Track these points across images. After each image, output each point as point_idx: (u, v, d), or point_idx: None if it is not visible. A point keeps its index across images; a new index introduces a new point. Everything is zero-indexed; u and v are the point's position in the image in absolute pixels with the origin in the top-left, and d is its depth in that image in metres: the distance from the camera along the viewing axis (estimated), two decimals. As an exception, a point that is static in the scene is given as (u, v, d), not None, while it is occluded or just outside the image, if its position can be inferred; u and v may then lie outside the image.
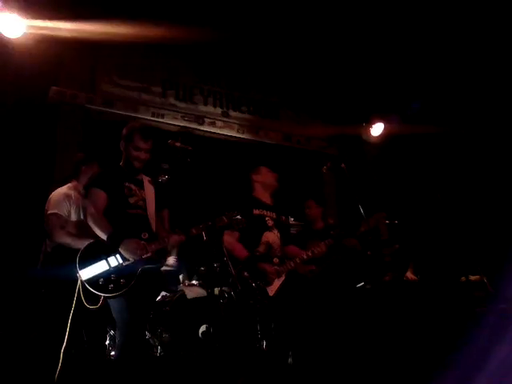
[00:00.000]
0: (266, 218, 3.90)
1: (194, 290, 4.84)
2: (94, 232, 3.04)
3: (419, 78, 6.53)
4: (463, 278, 4.83)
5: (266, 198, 4.06)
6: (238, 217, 3.49)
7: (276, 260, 3.75)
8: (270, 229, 3.87)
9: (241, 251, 3.71)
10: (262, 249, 3.78)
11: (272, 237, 3.85)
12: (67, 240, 3.50)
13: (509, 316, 3.73)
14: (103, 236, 2.98)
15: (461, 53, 5.99)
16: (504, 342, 3.32)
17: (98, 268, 2.91)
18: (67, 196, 3.69)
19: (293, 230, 4.60)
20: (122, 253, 2.95)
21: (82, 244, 3.12)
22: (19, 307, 4.07)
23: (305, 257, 3.74)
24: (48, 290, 3.52)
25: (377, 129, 7.09)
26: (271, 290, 3.61)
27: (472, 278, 4.74)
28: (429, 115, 6.50)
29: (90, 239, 3.06)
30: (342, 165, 4.08)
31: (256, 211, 3.89)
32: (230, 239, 3.73)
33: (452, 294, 4.73)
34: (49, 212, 3.61)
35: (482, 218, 5.74)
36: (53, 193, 3.75)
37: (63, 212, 3.61)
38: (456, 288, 4.81)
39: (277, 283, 3.64)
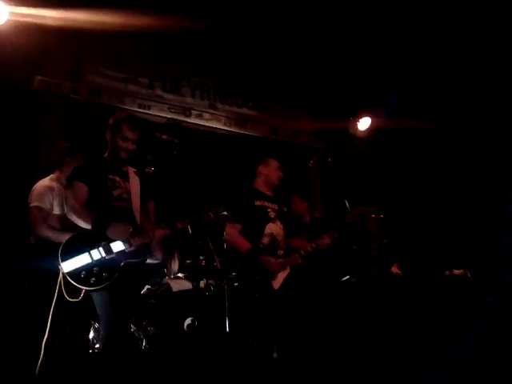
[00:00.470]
0: (268, 210, 3.80)
1: (179, 282, 4.83)
2: (76, 225, 3.01)
3: (406, 73, 6.55)
4: (447, 272, 4.88)
5: (266, 190, 3.96)
6: (225, 213, 3.47)
7: (281, 252, 3.67)
8: (272, 220, 3.76)
9: (243, 244, 3.61)
10: (265, 241, 3.67)
11: (275, 228, 3.75)
12: (49, 233, 3.48)
13: (492, 309, 3.77)
14: (87, 225, 2.95)
15: (447, 46, 6.02)
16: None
17: (81, 261, 2.88)
18: (50, 188, 3.66)
19: None
20: (109, 236, 2.93)
21: (63, 238, 3.10)
22: (1, 300, 4.02)
23: (309, 249, 3.65)
24: (30, 284, 3.49)
25: (364, 123, 7.11)
26: (276, 284, 3.53)
27: (456, 272, 4.79)
28: (415, 109, 6.53)
29: (71, 233, 3.02)
30: (329, 159, 4.05)
31: (257, 202, 3.79)
32: (231, 231, 3.65)
33: (436, 288, 4.78)
34: (31, 205, 3.58)
35: (467, 213, 5.80)
36: (35, 185, 3.71)
37: (45, 205, 3.58)
38: (440, 282, 4.86)
39: (281, 276, 3.56)
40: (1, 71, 5.04)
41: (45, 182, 3.74)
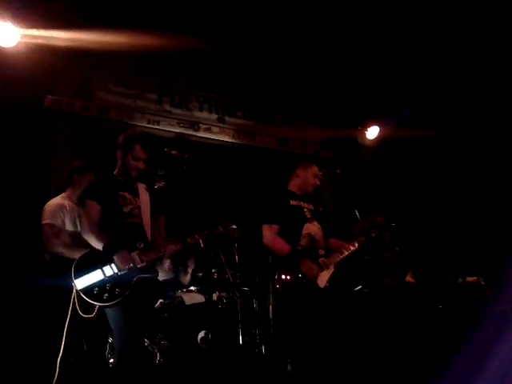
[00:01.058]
0: (304, 210, 3.68)
1: (192, 296, 4.85)
2: (89, 243, 3.04)
3: (414, 82, 6.56)
4: (460, 280, 4.84)
5: (299, 192, 3.84)
6: (234, 226, 3.48)
7: (322, 252, 3.53)
8: (309, 220, 3.65)
9: (282, 246, 3.48)
10: (304, 242, 3.56)
11: (313, 229, 3.63)
12: (61, 250, 3.55)
13: (507, 317, 3.74)
14: (99, 246, 2.98)
15: (454, 56, 6.03)
16: (503, 342, 3.33)
17: (93, 277, 2.91)
18: (61, 206, 3.72)
19: None
20: (115, 262, 2.96)
21: (75, 254, 3.16)
22: (17, 316, 4.06)
23: (352, 248, 3.58)
24: (45, 300, 3.53)
25: (372, 132, 7.11)
26: (321, 282, 3.41)
27: (469, 279, 4.76)
28: (424, 118, 6.53)
29: (84, 249, 3.07)
30: (338, 170, 4.03)
31: (293, 202, 3.68)
32: (269, 234, 3.54)
33: (449, 296, 4.74)
34: (43, 222, 3.65)
35: (479, 220, 5.76)
36: (47, 203, 3.78)
37: (57, 222, 3.64)
38: (453, 290, 4.83)
39: (326, 275, 3.45)
40: (13, 91, 5.14)
41: (56, 200, 3.81)
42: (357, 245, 3.62)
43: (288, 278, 3.36)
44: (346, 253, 3.57)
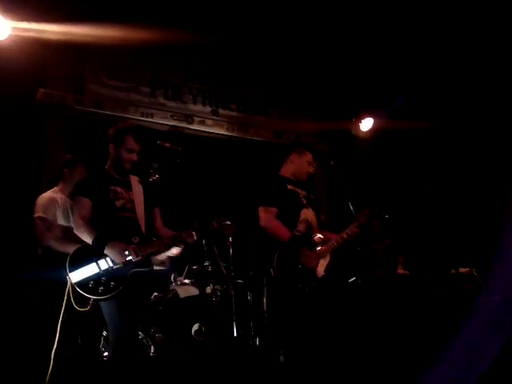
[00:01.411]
0: (300, 195, 3.61)
1: (186, 288, 4.85)
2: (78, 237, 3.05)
3: (407, 73, 6.56)
4: (453, 271, 4.88)
5: (293, 178, 3.73)
6: (228, 222, 3.47)
7: (319, 238, 3.44)
8: (305, 206, 3.57)
9: (283, 231, 3.39)
10: (301, 228, 3.46)
11: (309, 215, 3.56)
12: (53, 243, 3.55)
13: (499, 307, 3.77)
14: (89, 240, 2.98)
15: (448, 48, 6.03)
16: (494, 332, 3.37)
17: (88, 271, 2.91)
18: (53, 199, 3.72)
19: None
20: (108, 255, 2.95)
21: (67, 248, 3.16)
22: (10, 310, 4.07)
23: (349, 232, 3.49)
24: (37, 294, 3.54)
25: (366, 124, 7.12)
26: (319, 272, 3.37)
27: (462, 270, 4.79)
28: (418, 110, 6.54)
29: (76, 244, 3.07)
30: (331, 162, 4.01)
31: (289, 187, 3.59)
32: (267, 216, 3.43)
33: (442, 287, 4.78)
34: (35, 215, 3.65)
35: (471, 211, 5.80)
36: (39, 197, 3.78)
37: (49, 215, 3.64)
38: (446, 281, 4.86)
39: (323, 263, 3.41)
40: (5, 84, 5.11)
41: (48, 193, 3.81)
42: (351, 230, 3.52)
43: (287, 264, 3.30)
44: (342, 240, 3.50)
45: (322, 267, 3.40)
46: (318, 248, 3.40)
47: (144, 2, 5.58)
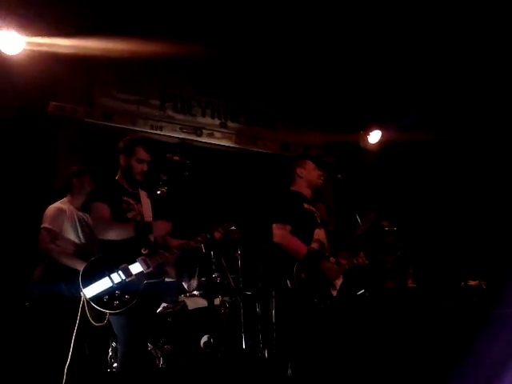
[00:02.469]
0: (316, 215, 3.62)
1: (195, 300, 4.86)
2: (91, 252, 3.06)
3: (416, 86, 6.58)
4: (462, 284, 4.85)
5: (307, 193, 3.73)
6: (233, 227, 3.49)
7: (333, 259, 3.47)
8: (319, 226, 3.58)
9: (299, 246, 3.37)
10: (315, 246, 3.47)
11: (322, 235, 3.57)
12: (55, 255, 3.55)
13: (508, 321, 3.74)
14: (129, 231, 3.01)
15: (457, 60, 6.04)
16: (503, 346, 3.34)
17: (102, 285, 2.91)
18: (61, 210, 3.73)
19: None
20: (155, 234, 3.08)
21: (70, 262, 3.27)
22: (20, 323, 4.08)
23: (360, 261, 3.52)
24: (34, 304, 3.55)
25: (374, 136, 7.13)
26: (333, 291, 3.39)
27: (471, 283, 4.77)
28: (426, 123, 6.54)
29: (79, 259, 3.10)
30: (339, 175, 4.02)
31: (306, 206, 3.59)
32: (282, 233, 3.41)
33: (451, 300, 4.75)
34: (41, 226, 3.66)
35: (480, 224, 5.77)
36: (48, 208, 3.79)
37: (55, 227, 3.64)
38: (455, 294, 4.83)
39: (338, 283, 3.42)
40: (17, 98, 5.20)
41: (56, 204, 3.81)
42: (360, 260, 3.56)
43: (306, 277, 3.28)
44: (352, 265, 3.52)
45: (337, 286, 3.42)
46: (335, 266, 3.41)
47: (153, 15, 5.65)
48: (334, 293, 3.39)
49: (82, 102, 5.94)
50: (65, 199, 3.88)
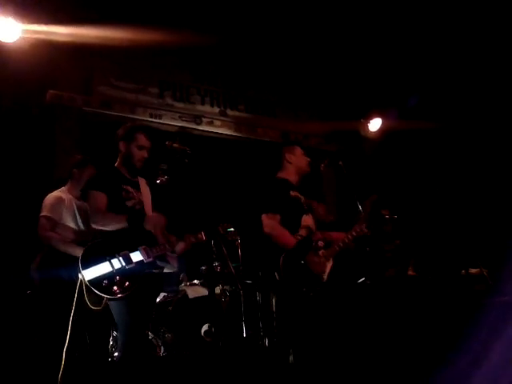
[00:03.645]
0: (302, 201, 3.66)
1: (195, 289, 4.87)
2: (89, 238, 3.05)
3: (416, 73, 6.54)
4: (463, 272, 4.84)
5: (294, 179, 3.75)
6: (232, 229, 3.49)
7: (321, 243, 3.47)
8: (306, 212, 3.62)
9: (288, 238, 3.41)
10: (303, 233, 3.51)
11: (309, 220, 3.61)
12: (55, 243, 3.57)
13: (510, 308, 3.74)
14: (121, 223, 2.98)
15: (458, 48, 5.99)
16: (504, 335, 3.34)
17: (102, 269, 2.88)
18: (60, 199, 3.74)
19: None
20: (147, 228, 3.01)
21: (70, 249, 3.29)
22: (20, 309, 4.09)
23: (350, 237, 3.52)
24: (43, 291, 3.56)
25: (375, 124, 7.09)
26: (323, 277, 3.42)
27: (472, 271, 4.76)
28: (426, 110, 6.51)
29: (78, 246, 3.09)
30: (340, 162, 4.02)
31: (292, 193, 3.61)
32: (272, 223, 3.43)
33: (452, 288, 4.75)
34: (40, 214, 3.68)
35: (481, 212, 5.76)
36: (47, 196, 3.79)
37: (55, 215, 3.65)
38: (456, 282, 4.83)
39: (327, 267, 3.45)
40: (15, 86, 5.16)
41: (55, 193, 3.82)
42: (355, 233, 3.55)
43: (292, 269, 3.33)
44: (342, 245, 3.53)
45: (326, 271, 3.45)
46: (320, 252, 3.44)
47: (152, 3, 5.60)
48: (325, 277, 3.41)
49: (80, 91, 5.91)
50: (64, 188, 3.88)
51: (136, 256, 2.99)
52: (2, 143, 5.03)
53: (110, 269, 2.90)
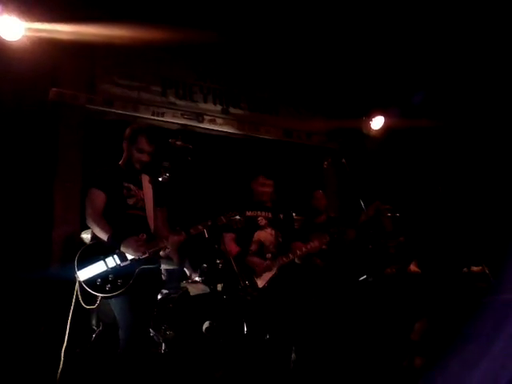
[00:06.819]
0: (259, 218, 4.11)
1: (197, 286, 4.88)
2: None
3: (418, 71, 6.53)
4: (465, 270, 4.84)
5: (259, 201, 4.23)
6: (237, 217, 3.53)
7: (269, 255, 3.97)
8: (261, 228, 4.07)
9: (232, 248, 3.96)
10: (253, 247, 4.00)
11: (264, 235, 4.05)
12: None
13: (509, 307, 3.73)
14: (104, 236, 3.00)
15: (460, 46, 5.98)
16: (505, 333, 3.33)
17: (96, 269, 2.95)
18: None
19: (295, 225, 4.63)
20: (123, 252, 2.99)
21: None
22: (20, 307, 4.11)
23: (298, 252, 3.93)
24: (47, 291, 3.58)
25: (377, 122, 7.09)
26: (261, 282, 3.85)
27: (474, 268, 4.75)
28: (429, 108, 6.49)
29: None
30: (343, 160, 4.10)
31: (249, 213, 4.07)
32: (225, 240, 3.97)
33: (454, 286, 4.74)
34: None
35: (483, 209, 5.75)
36: None
37: None
38: (458, 279, 4.83)
39: (267, 275, 3.87)
40: (18, 84, 5.18)
41: None
42: (317, 244, 3.99)
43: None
44: (292, 257, 3.95)
45: (265, 278, 3.87)
46: (266, 262, 3.89)
47: (155, 1, 5.61)
48: (261, 285, 3.84)
49: (83, 89, 5.91)
50: None
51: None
52: (4, 141, 5.05)
53: (104, 268, 2.95)
